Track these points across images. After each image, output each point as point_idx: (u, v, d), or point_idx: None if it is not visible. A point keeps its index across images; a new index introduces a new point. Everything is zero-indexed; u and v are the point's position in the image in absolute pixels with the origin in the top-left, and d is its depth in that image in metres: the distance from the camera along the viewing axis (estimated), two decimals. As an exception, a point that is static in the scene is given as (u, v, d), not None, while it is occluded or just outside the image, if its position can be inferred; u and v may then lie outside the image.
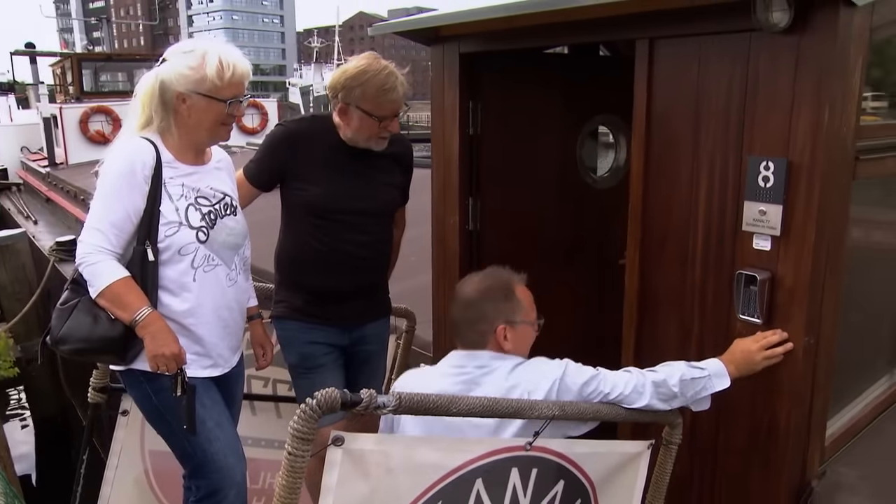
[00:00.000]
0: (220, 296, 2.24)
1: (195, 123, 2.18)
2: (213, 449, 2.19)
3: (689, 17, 2.15)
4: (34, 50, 18.09)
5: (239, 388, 2.51)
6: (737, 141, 2.13)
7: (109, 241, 2.07)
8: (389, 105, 2.45)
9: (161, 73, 2.16)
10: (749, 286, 2.10)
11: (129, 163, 2.10)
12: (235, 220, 2.31)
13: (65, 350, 2.13)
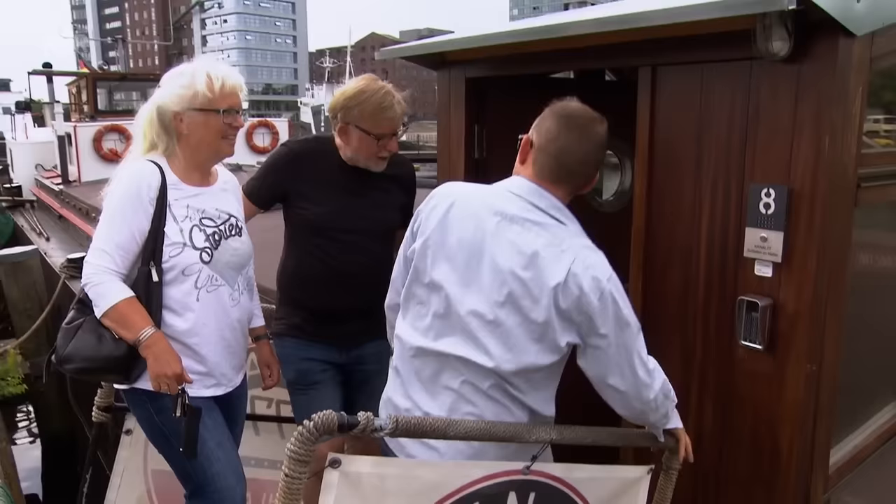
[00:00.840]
0: (223, 315, 2.27)
1: (197, 141, 2.23)
2: (213, 470, 2.21)
3: (691, 45, 2.17)
4: (51, 70, 18.35)
5: (242, 408, 2.53)
6: (738, 168, 2.14)
7: (115, 261, 2.12)
8: (387, 123, 2.50)
9: (157, 98, 2.23)
10: (751, 312, 2.10)
11: (135, 185, 2.15)
12: (240, 241, 2.34)
13: (69, 369, 2.17)
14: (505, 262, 1.75)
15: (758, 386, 2.16)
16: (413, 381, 1.90)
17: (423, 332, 1.86)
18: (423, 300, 1.88)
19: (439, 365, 1.84)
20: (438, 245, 1.84)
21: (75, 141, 14.87)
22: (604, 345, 1.75)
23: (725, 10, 1.91)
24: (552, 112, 1.86)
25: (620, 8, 2.52)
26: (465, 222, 1.81)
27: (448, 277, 1.81)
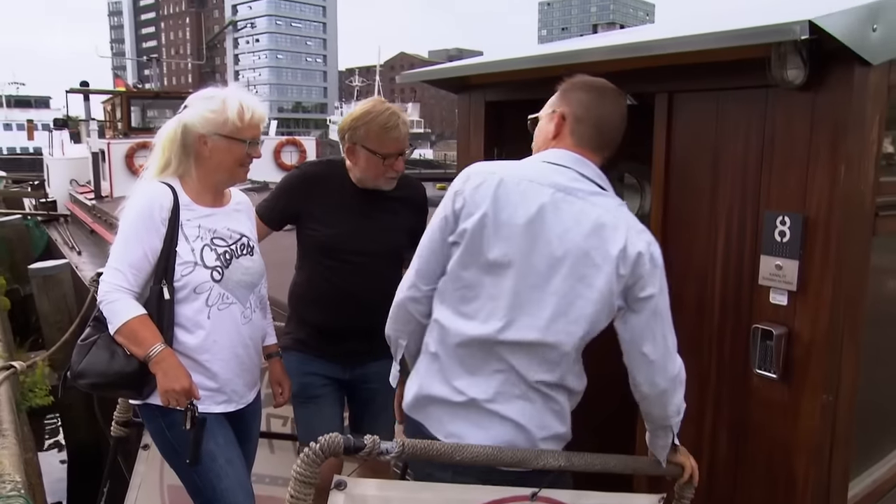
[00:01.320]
0: (234, 333, 2.31)
1: (216, 164, 2.29)
2: (222, 486, 2.24)
3: (706, 72, 2.18)
4: (87, 88, 18.84)
5: (255, 425, 2.56)
6: (754, 195, 2.13)
7: (128, 280, 2.18)
8: (392, 143, 2.56)
9: (183, 117, 2.28)
10: (765, 341, 2.08)
11: (148, 206, 2.21)
12: (251, 260, 2.39)
13: (83, 384, 2.22)
14: (566, 233, 1.77)
15: (773, 415, 2.14)
16: (455, 367, 1.84)
17: (471, 317, 1.81)
18: (472, 283, 1.81)
19: (489, 348, 1.80)
20: (495, 222, 1.77)
21: (108, 157, 15.21)
22: (647, 308, 1.80)
23: (739, 39, 1.92)
24: (579, 85, 1.93)
25: (639, 35, 2.54)
26: (520, 196, 1.78)
27: (508, 254, 1.77)
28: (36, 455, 5.96)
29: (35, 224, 16.48)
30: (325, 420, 2.62)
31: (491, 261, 1.79)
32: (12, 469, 3.68)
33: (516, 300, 1.78)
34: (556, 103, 1.96)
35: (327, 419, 2.64)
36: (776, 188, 2.07)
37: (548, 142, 1.93)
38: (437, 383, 1.87)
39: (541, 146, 1.96)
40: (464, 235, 1.81)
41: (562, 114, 1.90)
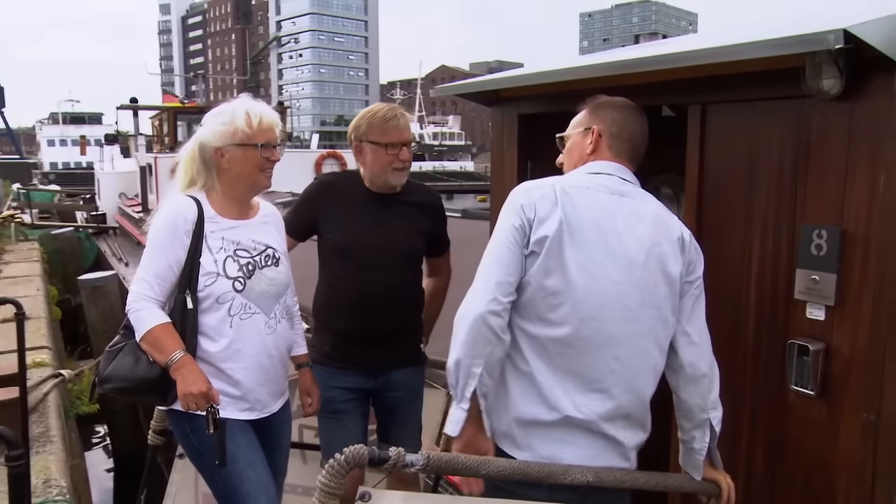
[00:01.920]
0: (258, 342, 2.36)
1: (236, 174, 2.36)
2: (244, 488, 2.28)
3: (740, 83, 2.15)
4: (136, 105, 19.44)
5: (285, 435, 2.59)
6: (789, 207, 2.09)
7: (153, 289, 2.26)
8: (393, 132, 2.66)
9: (199, 136, 2.38)
10: (802, 357, 2.03)
11: (172, 219, 2.30)
12: (276, 271, 2.43)
13: (108, 388, 2.31)
14: (633, 230, 1.89)
15: (811, 433, 2.08)
16: (551, 381, 1.85)
17: (559, 324, 1.84)
18: (557, 290, 1.84)
19: (585, 351, 1.84)
20: (569, 228, 1.84)
21: (155, 171, 15.62)
22: (694, 289, 1.96)
23: (773, 49, 1.89)
24: (609, 104, 2.07)
25: (675, 46, 2.52)
26: (583, 202, 1.88)
27: (586, 257, 1.84)
28: (83, 461, 6.11)
29: (86, 236, 17.00)
30: (347, 434, 2.67)
31: (572, 265, 1.84)
32: (59, 474, 3.79)
33: (601, 299, 1.84)
34: (587, 121, 2.07)
35: (350, 433, 2.68)
36: (812, 200, 2.03)
37: (584, 157, 2.04)
38: (538, 406, 1.86)
39: (576, 161, 2.06)
40: (542, 244, 1.84)
41: (598, 131, 2.03)
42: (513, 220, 1.88)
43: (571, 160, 2.08)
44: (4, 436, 1.51)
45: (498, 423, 1.92)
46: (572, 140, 2.10)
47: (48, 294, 9.49)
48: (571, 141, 2.10)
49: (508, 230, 1.88)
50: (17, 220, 16.54)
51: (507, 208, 1.92)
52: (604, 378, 1.87)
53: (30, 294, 8.82)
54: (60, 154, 61.88)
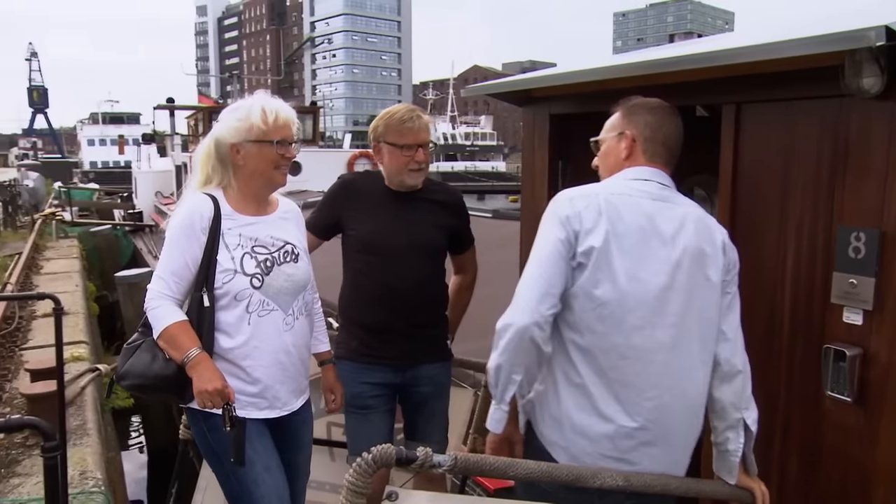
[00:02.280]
0: (276, 339, 2.35)
1: (252, 171, 2.35)
2: (259, 492, 2.28)
3: (776, 82, 2.11)
4: (173, 105, 19.78)
5: (306, 434, 2.57)
6: (826, 209, 2.05)
7: (170, 287, 2.27)
8: (410, 133, 2.69)
9: (214, 132, 2.37)
10: (838, 362, 1.98)
11: (189, 216, 2.30)
12: (295, 267, 2.41)
13: (125, 385, 2.33)
14: (678, 235, 1.89)
15: (847, 440, 2.03)
16: (605, 392, 1.86)
17: (610, 335, 1.85)
18: (606, 300, 1.84)
19: (637, 359, 1.85)
20: (616, 237, 1.85)
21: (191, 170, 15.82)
22: (732, 288, 1.98)
23: (811, 47, 1.85)
24: (642, 106, 2.04)
25: (709, 45, 2.48)
26: (626, 210, 1.87)
27: (633, 265, 1.85)
28: (119, 454, 6.23)
29: (123, 234, 17.33)
30: (374, 430, 2.69)
31: (620, 274, 1.84)
32: (94, 467, 3.87)
33: (650, 307, 1.85)
34: (620, 125, 2.05)
35: (376, 429, 2.70)
36: (850, 202, 1.98)
37: (620, 162, 2.02)
38: (590, 415, 1.86)
39: (612, 167, 2.04)
40: (590, 255, 1.84)
41: (632, 136, 2.01)
42: (557, 232, 1.86)
43: (607, 165, 2.07)
44: (40, 427, 1.55)
45: (550, 434, 1.91)
46: (607, 144, 2.08)
47: (86, 290, 9.71)
48: (606, 145, 2.08)
49: (553, 242, 1.86)
50: (58, 218, 16.95)
51: (551, 219, 1.90)
52: (656, 384, 1.86)
53: (69, 290, 9.02)
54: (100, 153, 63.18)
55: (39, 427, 1.56)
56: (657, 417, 1.86)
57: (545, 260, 1.86)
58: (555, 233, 1.87)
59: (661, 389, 1.86)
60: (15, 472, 3.80)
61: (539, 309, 1.82)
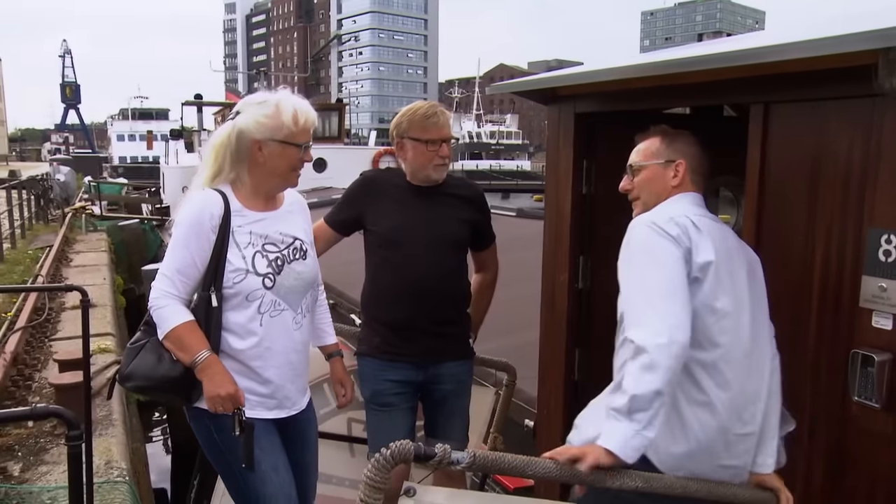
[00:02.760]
0: (287, 339, 2.30)
1: (270, 170, 2.27)
2: (265, 491, 2.24)
3: (806, 81, 2.07)
4: (200, 101, 20.00)
5: (312, 433, 2.53)
6: (856, 211, 2.01)
7: (176, 286, 2.19)
8: (434, 128, 2.70)
9: (238, 123, 2.25)
10: (866, 367, 1.95)
11: (198, 214, 2.22)
12: (304, 265, 2.36)
13: (130, 386, 2.27)
14: (740, 249, 2.03)
15: (875, 447, 1.99)
16: (728, 405, 1.88)
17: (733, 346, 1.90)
18: (726, 312, 1.89)
19: (752, 367, 1.93)
20: (721, 253, 1.93)
21: (200, 159, 15.98)
22: None
23: (843, 45, 1.82)
24: (683, 139, 2.13)
25: (736, 44, 2.44)
26: (717, 234, 1.97)
27: (739, 279, 1.96)
28: (143, 445, 6.33)
29: (150, 228, 17.55)
30: (394, 428, 2.69)
31: (737, 286, 1.94)
32: (119, 457, 3.93)
33: (751, 315, 1.95)
34: (667, 153, 2.11)
35: (397, 427, 2.70)
36: (882, 204, 1.94)
37: (669, 189, 2.09)
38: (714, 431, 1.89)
39: (660, 192, 2.10)
40: (707, 268, 1.88)
41: (686, 166, 2.09)
42: (671, 249, 1.87)
43: (653, 191, 2.10)
44: (64, 416, 1.56)
45: (673, 458, 1.87)
46: (651, 171, 2.11)
47: (114, 283, 9.87)
48: (650, 171, 2.11)
49: (672, 259, 1.85)
50: (88, 212, 17.23)
51: (657, 240, 1.88)
52: (761, 388, 1.95)
53: (97, 283, 9.18)
54: (129, 148, 64.10)
55: (63, 416, 1.57)
56: (763, 420, 1.95)
57: (674, 277, 1.83)
58: (669, 251, 1.87)
59: (767, 394, 1.96)
60: (43, 460, 3.88)
61: (687, 323, 1.80)
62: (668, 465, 1.87)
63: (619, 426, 1.73)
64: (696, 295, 1.86)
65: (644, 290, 1.84)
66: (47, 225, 16.81)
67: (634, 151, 2.17)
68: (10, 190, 13.89)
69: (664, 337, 1.75)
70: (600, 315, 3.14)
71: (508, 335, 3.92)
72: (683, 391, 1.87)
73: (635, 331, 1.79)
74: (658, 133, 2.14)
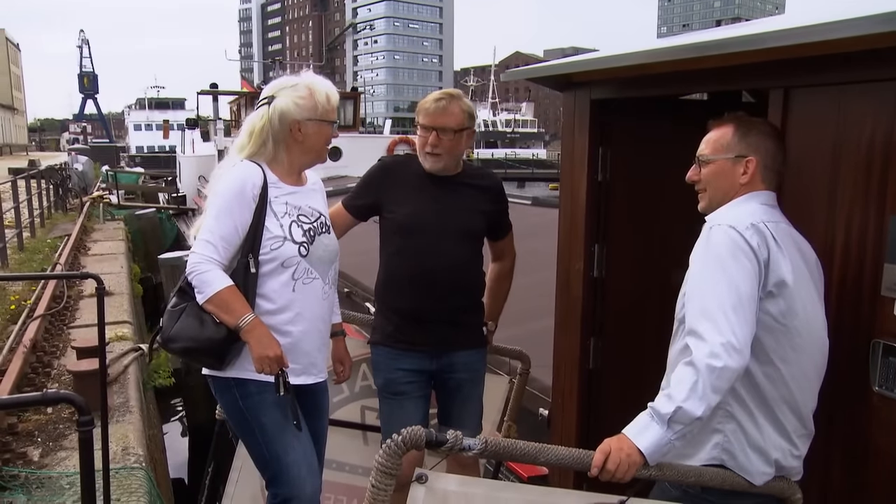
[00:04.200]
0: (317, 307, 2.41)
1: (309, 147, 2.43)
2: (288, 460, 2.33)
3: (827, 65, 2.02)
4: (216, 90, 20.04)
5: (325, 402, 2.64)
6: (879, 198, 1.97)
7: (219, 252, 2.28)
8: (440, 115, 2.67)
9: (278, 105, 2.38)
10: (888, 357, 1.92)
11: (241, 183, 2.32)
12: (329, 238, 2.50)
13: (174, 348, 2.35)
14: (809, 254, 1.96)
15: (895, 438, 1.96)
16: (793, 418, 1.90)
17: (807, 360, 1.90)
18: (800, 329, 1.87)
19: (814, 379, 1.93)
20: (795, 267, 1.87)
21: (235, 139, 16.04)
22: None
23: (867, 27, 1.76)
24: (759, 131, 1.99)
25: (756, 27, 2.39)
26: (787, 239, 1.90)
27: (807, 293, 1.91)
28: (160, 432, 6.39)
29: (167, 217, 17.68)
30: (408, 416, 2.69)
31: (808, 301, 1.90)
32: (136, 443, 3.97)
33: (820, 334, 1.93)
34: (738, 148, 1.99)
35: (410, 415, 2.70)
36: (904, 191, 1.90)
37: (736, 186, 1.99)
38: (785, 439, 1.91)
39: (727, 190, 2.00)
40: (782, 285, 1.83)
41: (757, 163, 1.97)
42: (750, 260, 1.81)
43: (720, 187, 2.00)
44: (75, 402, 1.56)
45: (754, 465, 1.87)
46: (720, 165, 1.99)
47: (131, 272, 9.94)
48: (718, 166, 2.00)
49: (746, 271, 1.80)
50: (105, 201, 17.37)
51: (734, 249, 1.81)
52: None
53: (114, 271, 9.25)
54: (146, 138, 64.49)
55: (74, 401, 1.57)
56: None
57: (744, 292, 1.78)
58: (746, 263, 1.80)
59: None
60: (62, 445, 3.92)
61: (747, 344, 1.76)
62: (752, 473, 1.88)
63: (656, 430, 1.72)
64: (768, 310, 1.83)
65: (712, 299, 1.78)
66: (66, 214, 16.96)
67: (704, 141, 2.04)
68: (30, 179, 14.00)
69: (720, 360, 1.71)
70: (615, 304, 3.12)
71: (522, 324, 3.90)
72: (760, 402, 1.87)
73: (695, 342, 1.76)
74: (732, 122, 2.01)
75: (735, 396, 1.83)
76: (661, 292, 3.22)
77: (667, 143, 3.18)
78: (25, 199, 13.16)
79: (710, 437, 1.87)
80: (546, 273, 3.34)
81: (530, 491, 1.68)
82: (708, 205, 2.02)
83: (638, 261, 3.14)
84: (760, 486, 1.85)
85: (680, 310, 1.92)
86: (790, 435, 1.89)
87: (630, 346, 3.09)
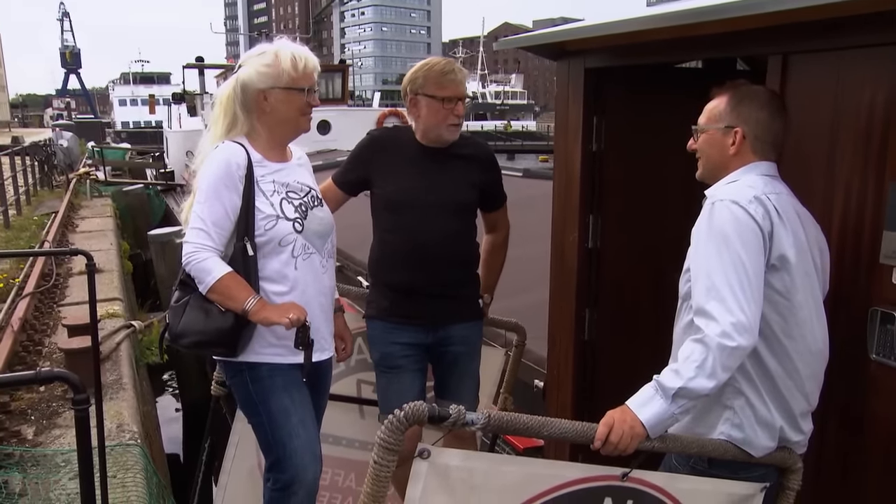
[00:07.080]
0: (317, 282, 2.38)
1: (280, 118, 2.33)
2: (292, 445, 2.31)
3: (827, 30, 1.99)
4: (202, 63, 19.75)
5: (328, 381, 2.62)
6: (878, 165, 1.95)
7: (212, 239, 2.22)
8: (451, 85, 2.62)
9: (240, 76, 2.31)
10: (885, 325, 1.92)
11: (225, 165, 2.25)
12: (323, 211, 2.45)
13: (184, 343, 2.29)
14: (811, 231, 1.92)
15: (893, 407, 1.97)
16: (797, 392, 1.89)
17: (808, 341, 1.88)
18: (801, 304, 1.85)
19: (818, 354, 1.91)
20: (797, 241, 1.84)
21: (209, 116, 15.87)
22: None
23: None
24: (752, 101, 1.93)
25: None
26: (788, 210, 1.86)
27: (806, 265, 1.87)
28: (154, 408, 6.38)
29: (155, 193, 17.51)
30: (404, 389, 2.69)
31: (809, 280, 1.87)
32: (130, 420, 3.96)
33: (818, 304, 1.91)
34: (728, 118, 1.95)
35: (406, 388, 2.70)
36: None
37: (727, 157, 1.95)
38: (791, 416, 1.90)
39: (717, 160, 1.97)
40: (785, 259, 1.81)
41: (742, 133, 1.93)
42: (755, 234, 1.78)
43: (711, 158, 1.98)
44: (69, 380, 1.54)
45: (762, 440, 1.87)
46: (711, 136, 1.97)
47: (120, 248, 9.86)
48: (710, 136, 1.97)
49: (752, 246, 1.77)
50: (92, 177, 17.18)
51: (738, 223, 1.78)
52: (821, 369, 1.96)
53: (103, 248, 9.18)
54: (131, 113, 63.71)
55: (68, 379, 1.55)
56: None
57: (751, 267, 1.76)
58: (751, 238, 1.78)
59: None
60: (56, 423, 3.91)
61: (756, 321, 1.75)
62: (759, 448, 1.88)
63: (660, 403, 1.71)
64: (773, 284, 1.81)
65: (719, 277, 1.75)
66: (52, 191, 16.80)
67: (704, 110, 2.02)
68: (14, 156, 13.82)
69: (733, 340, 1.70)
70: (610, 275, 3.11)
71: (517, 296, 3.89)
72: (766, 377, 1.86)
73: (705, 321, 1.74)
74: (728, 91, 1.97)
75: (743, 372, 1.82)
76: (655, 263, 3.22)
77: (661, 112, 3.14)
78: (10, 176, 13.00)
79: (720, 412, 1.86)
80: (539, 245, 3.33)
81: (532, 464, 1.67)
82: (702, 174, 2.01)
83: (633, 231, 3.12)
84: (761, 457, 1.86)
85: (684, 285, 1.90)
86: (793, 411, 1.88)
87: (625, 317, 3.09)
